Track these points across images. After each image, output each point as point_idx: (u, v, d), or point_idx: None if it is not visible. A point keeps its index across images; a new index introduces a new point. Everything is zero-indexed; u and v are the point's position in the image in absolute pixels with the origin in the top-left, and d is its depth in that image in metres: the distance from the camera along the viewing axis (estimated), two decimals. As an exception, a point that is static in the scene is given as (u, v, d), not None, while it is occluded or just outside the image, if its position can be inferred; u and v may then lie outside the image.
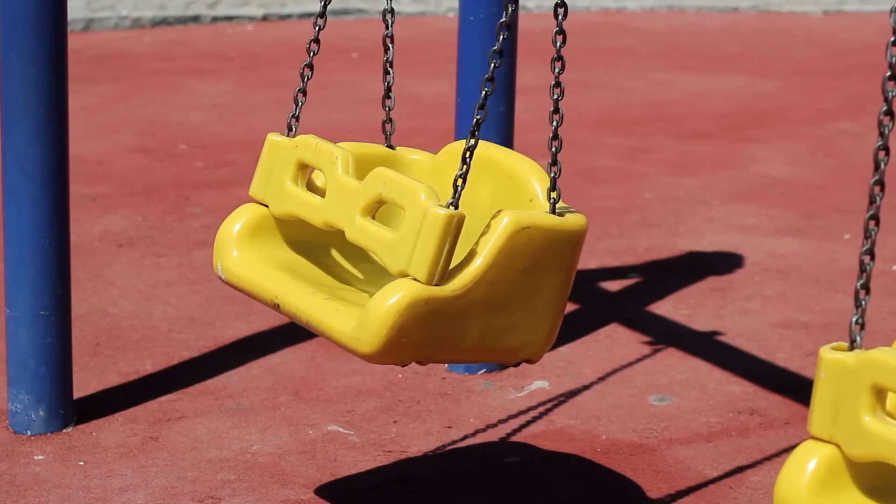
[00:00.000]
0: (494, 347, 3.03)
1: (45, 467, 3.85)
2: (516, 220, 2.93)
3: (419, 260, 2.84)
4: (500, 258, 2.92)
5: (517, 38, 4.36)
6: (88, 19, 10.20)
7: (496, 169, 3.23)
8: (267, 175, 3.26)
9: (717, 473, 3.91)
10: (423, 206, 2.86)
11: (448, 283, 2.87)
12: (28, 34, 3.82)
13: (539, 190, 3.13)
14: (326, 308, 2.98)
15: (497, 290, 2.94)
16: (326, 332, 2.96)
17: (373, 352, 2.87)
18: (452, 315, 2.90)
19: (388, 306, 2.83)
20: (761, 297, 5.22)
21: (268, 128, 7.50)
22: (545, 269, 3.01)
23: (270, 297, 3.10)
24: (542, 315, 3.06)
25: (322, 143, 3.19)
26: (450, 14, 11.01)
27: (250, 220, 3.25)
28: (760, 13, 11.63)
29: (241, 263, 3.20)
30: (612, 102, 8.45)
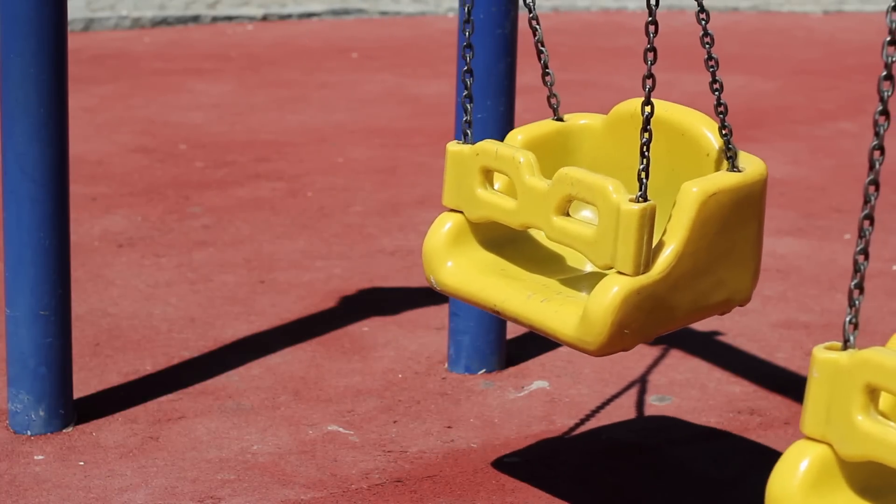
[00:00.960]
0: (707, 306, 3.19)
1: (45, 467, 3.85)
2: (703, 189, 3.08)
3: (623, 255, 2.99)
4: (695, 230, 3.06)
5: (517, 39, 4.36)
6: (88, 19, 10.20)
7: (667, 127, 3.37)
8: (456, 183, 3.37)
9: (717, 473, 3.91)
10: (615, 203, 2.99)
11: (653, 268, 3.03)
12: (28, 34, 3.82)
13: (714, 142, 3.28)
14: (546, 312, 3.14)
15: (698, 257, 3.09)
16: (551, 334, 3.14)
17: (599, 349, 3.05)
18: (663, 294, 3.05)
19: (605, 307, 3.00)
20: (761, 297, 5.22)
21: (268, 127, 7.51)
22: (738, 224, 3.15)
23: (490, 304, 3.27)
24: (744, 264, 3.22)
25: (502, 149, 3.30)
26: (450, 14, 11.01)
27: (452, 228, 3.38)
28: (760, 13, 11.62)
29: (454, 274, 3.35)
30: (613, 102, 8.41)
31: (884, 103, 2.42)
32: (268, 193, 6.37)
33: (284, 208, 6.16)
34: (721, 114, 3.19)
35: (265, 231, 5.86)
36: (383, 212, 6.15)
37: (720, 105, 3.19)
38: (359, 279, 5.33)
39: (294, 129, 7.44)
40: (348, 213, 6.13)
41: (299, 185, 6.49)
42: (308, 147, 7.10)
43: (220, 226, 5.91)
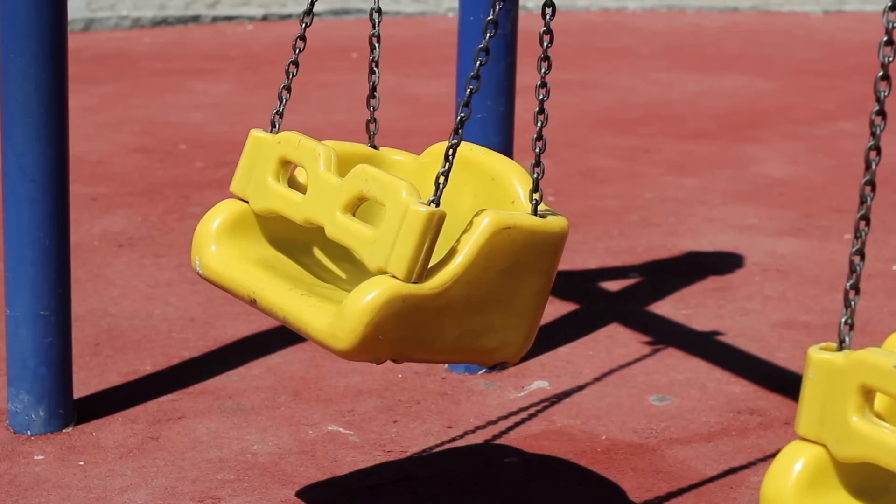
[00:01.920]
0: (471, 348, 3.02)
1: (45, 467, 3.85)
2: (497, 220, 2.92)
3: (398, 257, 2.83)
4: (480, 258, 2.90)
5: (517, 39, 4.36)
6: (88, 19, 10.20)
7: (479, 170, 3.22)
8: (249, 171, 3.25)
9: (717, 473, 3.91)
10: (404, 203, 2.85)
11: (427, 282, 2.86)
12: (28, 34, 3.82)
13: (521, 191, 3.11)
14: (303, 304, 2.97)
15: (476, 289, 2.93)
16: (303, 328, 2.95)
17: (349, 348, 2.85)
18: (430, 313, 2.89)
19: (364, 302, 2.81)
20: (761, 297, 5.22)
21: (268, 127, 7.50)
22: (525, 271, 2.99)
23: (247, 292, 3.08)
24: (520, 317, 3.04)
25: (305, 140, 3.19)
26: (450, 14, 11.01)
27: (230, 215, 3.23)
28: (760, 13, 11.63)
29: (218, 259, 3.18)
30: (612, 102, 8.44)
31: (880, 103, 2.42)
32: (268, 193, 6.36)
33: (284, 208, 6.15)
34: (538, 150, 3.00)
35: (265, 231, 5.85)
36: (383, 212, 6.14)
37: (540, 139, 3.00)
38: (359, 279, 5.33)
39: (293, 129, 7.43)
40: (348, 213, 6.12)
41: (299, 185, 6.49)
42: (308, 147, 7.08)
43: (220, 226, 5.90)
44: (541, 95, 2.99)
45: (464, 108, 2.91)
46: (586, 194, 6.51)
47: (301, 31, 3.28)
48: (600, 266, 5.58)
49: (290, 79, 3.29)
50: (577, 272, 5.46)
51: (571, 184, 6.65)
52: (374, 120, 3.38)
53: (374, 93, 3.35)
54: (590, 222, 6.05)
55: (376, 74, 3.32)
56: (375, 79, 3.33)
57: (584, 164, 7.03)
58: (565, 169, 6.85)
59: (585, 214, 6.14)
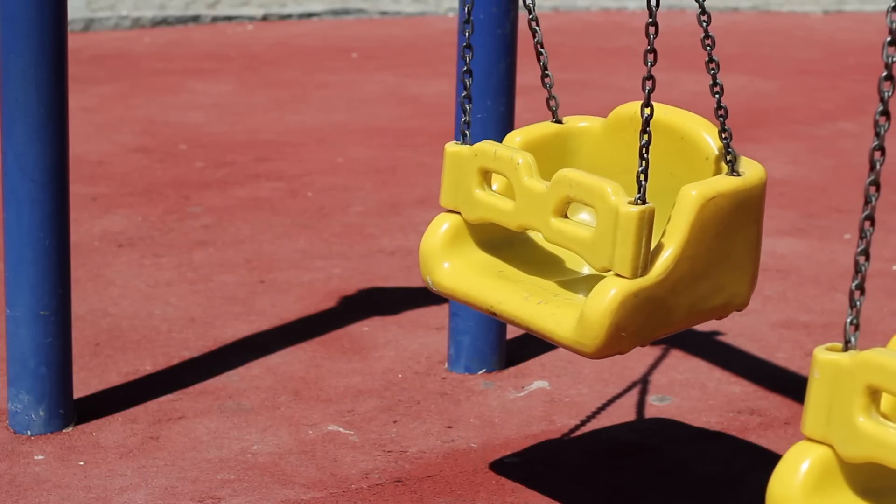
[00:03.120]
0: (705, 310, 3.19)
1: (45, 467, 3.85)
2: (701, 193, 3.07)
3: (621, 257, 2.98)
4: (693, 234, 3.05)
5: (517, 39, 4.36)
6: (88, 19, 10.20)
7: (666, 131, 3.36)
8: (454, 184, 3.36)
9: (717, 473, 3.91)
10: (614, 205, 2.98)
11: (651, 271, 3.01)
12: (28, 34, 3.82)
13: (714, 147, 3.27)
14: (543, 314, 3.13)
15: (697, 261, 3.08)
16: (549, 336, 3.12)
17: (596, 351, 3.04)
18: (661, 298, 3.04)
19: (602, 309, 2.98)
20: (761, 297, 5.22)
21: (268, 127, 7.51)
22: (737, 228, 3.15)
23: (487, 306, 3.25)
24: (742, 268, 3.22)
25: (500, 150, 3.29)
26: (450, 14, 11.01)
27: (449, 229, 3.37)
28: (760, 13, 11.63)
29: (450, 275, 3.33)
30: (613, 102, 8.41)
31: (884, 104, 2.42)
32: (268, 193, 6.37)
33: (284, 208, 6.16)
34: (721, 117, 3.18)
35: (265, 231, 5.86)
36: (383, 212, 6.15)
37: (720, 108, 3.19)
38: (359, 279, 5.33)
39: (294, 129, 7.44)
40: (348, 213, 6.13)
41: (299, 185, 6.49)
42: (308, 147, 7.10)
43: (220, 226, 5.91)
44: (711, 70, 3.26)
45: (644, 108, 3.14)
46: (586, 194, 6.50)
47: (466, 39, 3.36)
48: (600, 266, 5.57)
49: (468, 88, 3.38)
50: (577, 272, 5.46)
51: (571, 184, 6.64)
52: (553, 96, 3.49)
53: (546, 71, 3.45)
54: (590, 222, 6.05)
55: (544, 54, 3.45)
56: (544, 58, 3.45)
57: (584, 164, 7.03)
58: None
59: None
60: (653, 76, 3.12)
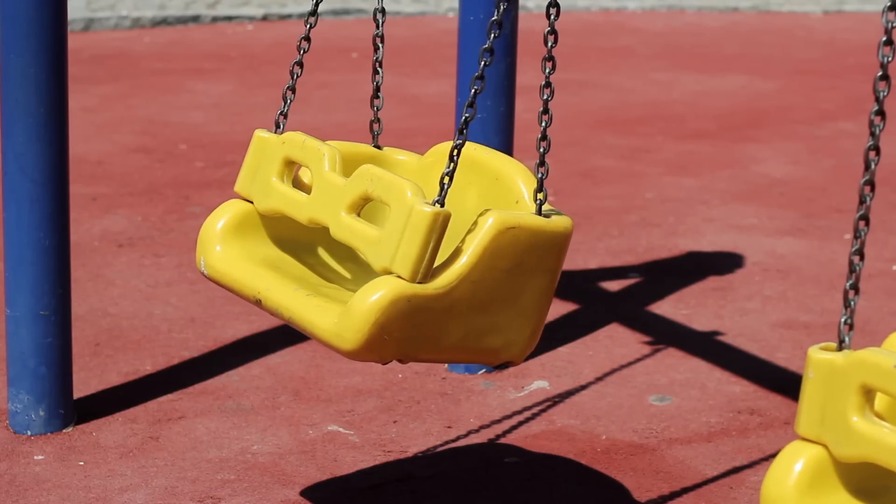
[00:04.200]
0: (476, 347, 3.02)
1: (45, 467, 3.85)
2: (502, 219, 2.92)
3: (403, 257, 2.83)
4: (484, 257, 2.91)
5: (517, 38, 4.36)
6: (88, 19, 10.20)
7: (483, 170, 3.22)
8: (253, 171, 3.25)
9: (717, 473, 3.91)
10: (409, 203, 2.85)
11: (432, 282, 2.86)
12: (28, 34, 3.82)
13: (525, 191, 3.11)
14: (309, 304, 2.97)
15: (481, 289, 2.93)
16: (308, 328, 2.95)
17: (354, 348, 2.86)
18: (435, 313, 2.89)
19: (370, 303, 2.82)
20: (761, 297, 5.22)
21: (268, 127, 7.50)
22: (530, 271, 3.00)
23: (253, 293, 3.09)
24: (525, 317, 3.05)
25: (309, 140, 3.19)
26: (450, 14, 11.01)
27: (235, 216, 3.24)
28: (760, 13, 11.63)
29: (223, 259, 3.19)
30: (612, 102, 8.44)
31: (879, 103, 2.42)
32: (268, 193, 6.36)
33: (284, 208, 6.15)
34: (542, 149, 3.00)
35: (265, 231, 5.85)
36: (383, 212, 6.14)
37: (545, 139, 3.00)
38: (359, 279, 5.33)
39: (295, 129, 7.42)
40: (348, 213, 6.12)
41: (299, 185, 6.49)
42: (308, 147, 7.08)
43: (220, 226, 5.90)
44: (545, 95, 2.99)
45: (468, 109, 2.90)
46: (586, 194, 6.51)
47: (305, 31, 3.29)
48: (600, 266, 5.58)
49: (294, 79, 3.30)
50: (577, 272, 5.46)
51: (571, 184, 6.65)
52: (378, 120, 3.38)
53: (377, 93, 3.33)
54: (590, 222, 6.05)
55: (380, 74, 3.31)
56: (379, 79, 3.32)
57: (584, 164, 7.03)
58: (565, 169, 6.85)
59: (585, 214, 6.13)
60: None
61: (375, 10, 3.28)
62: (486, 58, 2.94)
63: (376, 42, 3.28)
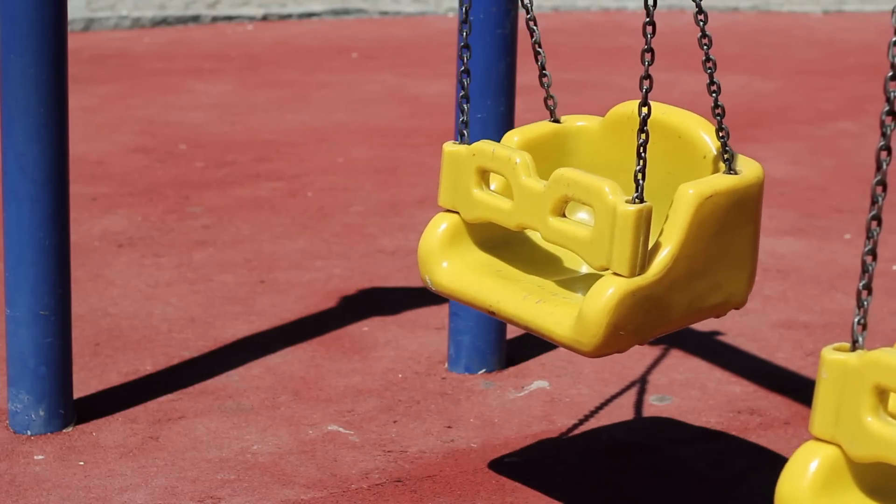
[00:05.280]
0: (703, 308, 3.19)
1: (45, 467, 3.85)
2: (699, 192, 3.08)
3: (619, 256, 2.98)
4: (691, 232, 3.06)
5: (517, 39, 4.36)
6: (88, 19, 10.20)
7: (663, 129, 3.36)
8: (452, 184, 3.36)
9: (717, 473, 3.91)
10: (612, 204, 2.98)
11: (649, 270, 3.02)
12: (28, 34, 3.82)
13: (712, 145, 3.27)
14: (542, 313, 3.14)
15: (694, 260, 3.09)
16: (547, 335, 3.13)
17: (595, 350, 3.05)
18: (659, 296, 3.05)
19: (600, 308, 2.99)
20: (761, 297, 5.22)
21: (268, 127, 7.51)
22: (734, 226, 3.15)
23: (485, 305, 3.25)
24: (740, 266, 3.22)
25: (498, 149, 3.29)
26: (450, 14, 11.01)
27: (448, 228, 3.37)
28: (760, 13, 11.62)
29: (449, 274, 3.34)
30: (613, 102, 8.41)
31: (891, 104, 2.41)
32: (268, 193, 6.37)
33: (284, 208, 6.16)
34: (718, 116, 3.19)
35: (265, 231, 5.86)
36: (383, 212, 6.15)
37: (717, 107, 3.19)
38: (359, 279, 5.33)
39: (294, 129, 7.44)
40: (348, 213, 6.13)
41: (299, 185, 6.49)
42: (308, 147, 7.10)
43: (220, 226, 5.91)
44: (708, 69, 3.24)
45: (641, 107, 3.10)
46: (586, 194, 6.50)
47: (464, 39, 3.39)
48: (600, 266, 5.57)
49: (466, 88, 3.40)
50: (577, 272, 5.46)
51: (571, 184, 6.64)
52: (551, 96, 3.50)
53: (543, 71, 3.47)
54: (590, 222, 6.04)
55: (542, 54, 3.45)
56: (542, 58, 3.46)
57: (584, 164, 7.02)
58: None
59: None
60: (650, 75, 3.11)
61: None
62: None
63: (531, 26, 3.42)
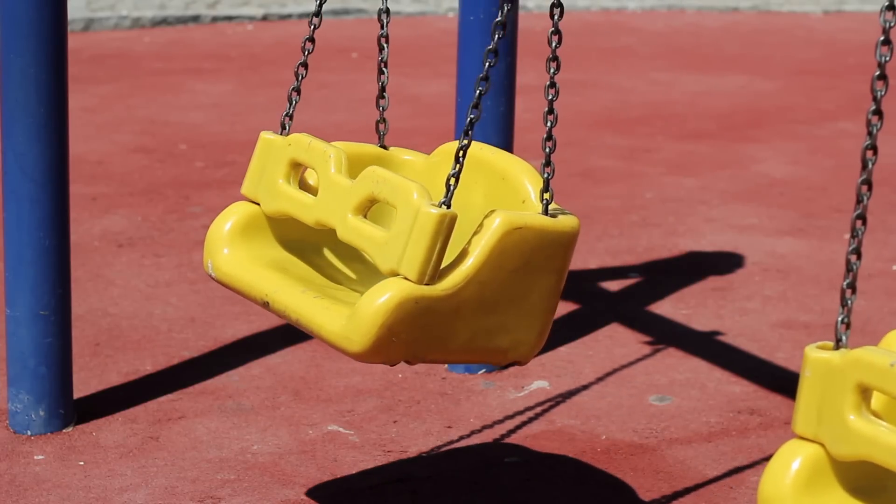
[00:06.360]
0: (484, 348, 3.03)
1: (45, 467, 3.86)
2: (508, 220, 2.93)
3: (410, 259, 2.83)
4: (491, 258, 2.91)
5: (517, 38, 4.36)
6: (88, 19, 10.20)
7: (489, 170, 3.23)
8: (259, 173, 3.26)
9: (717, 473, 3.91)
10: (416, 205, 2.85)
11: (439, 283, 2.87)
12: (28, 34, 3.82)
13: (532, 191, 3.12)
14: (316, 306, 2.98)
15: (488, 290, 2.94)
16: (316, 330, 2.96)
17: (362, 350, 2.86)
18: (443, 314, 2.90)
19: (378, 305, 2.82)
20: (761, 297, 5.22)
21: (268, 127, 7.49)
22: (537, 270, 3.00)
23: (260, 294, 3.10)
24: (532, 316, 3.06)
25: (315, 142, 3.19)
26: (450, 14, 11.01)
27: (241, 218, 3.24)
28: (760, 13, 11.63)
29: (231, 261, 3.19)
30: (612, 102, 8.44)
31: (877, 103, 2.42)
32: (268, 193, 6.36)
33: (284, 208, 6.15)
34: (548, 149, 3.01)
35: (265, 231, 5.85)
36: (383, 212, 6.14)
37: (550, 139, 3.00)
38: (359, 279, 5.33)
39: (294, 129, 7.42)
40: (348, 213, 6.12)
41: (299, 185, 6.49)
42: (308, 147, 7.09)
43: (220, 226, 5.90)
44: (550, 96, 2.98)
45: (473, 110, 2.91)
46: (586, 194, 6.51)
47: (310, 32, 3.28)
48: (600, 266, 5.58)
49: (299, 81, 3.29)
50: (577, 272, 5.46)
51: (571, 184, 6.65)
52: (384, 120, 3.37)
53: (383, 93, 3.33)
54: (590, 222, 6.05)
55: (385, 75, 3.31)
56: (384, 79, 3.31)
57: (584, 164, 7.03)
58: (565, 169, 6.85)
59: (585, 214, 6.13)
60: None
61: (380, 10, 3.27)
62: (490, 59, 2.93)
63: (381, 42, 3.28)
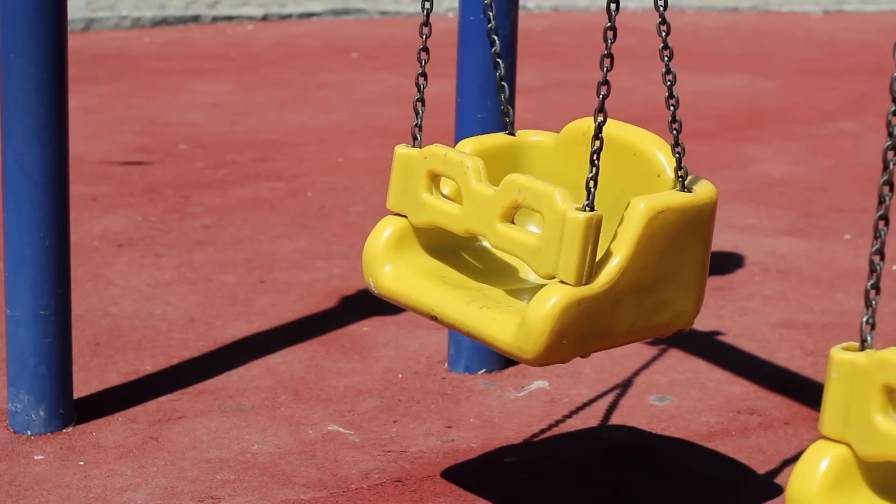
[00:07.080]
0: (649, 326, 3.15)
1: (45, 467, 3.85)
2: (651, 205, 3.04)
3: (566, 264, 2.94)
4: (640, 246, 3.02)
5: (517, 39, 4.36)
6: (88, 19, 10.20)
7: (618, 146, 3.32)
8: (401, 187, 3.34)
9: (717, 473, 3.91)
10: (562, 211, 2.95)
11: (596, 280, 2.98)
12: (28, 34, 3.82)
13: (666, 164, 3.24)
14: (484, 318, 3.10)
15: (643, 275, 3.05)
16: (489, 341, 3.08)
17: (536, 357, 2.99)
18: (605, 308, 3.01)
19: (543, 314, 2.94)
20: (761, 297, 5.22)
21: (268, 127, 7.51)
22: (684, 245, 3.12)
23: (427, 310, 3.22)
24: (688, 287, 3.18)
25: (450, 153, 3.26)
26: (450, 14, 11.01)
27: (395, 231, 3.35)
28: (760, 13, 11.62)
29: (394, 278, 3.31)
30: (613, 102, 8.41)
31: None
32: (268, 193, 6.37)
33: (284, 208, 6.16)
34: (675, 131, 3.15)
35: (265, 231, 5.86)
36: (383, 212, 6.13)
37: (675, 122, 3.15)
38: (359, 279, 5.33)
39: (294, 129, 7.44)
40: (348, 213, 6.13)
41: (299, 185, 6.49)
42: (308, 147, 7.10)
43: (220, 226, 5.91)
44: (668, 82, 3.23)
45: (597, 114, 3.07)
46: (586, 194, 6.50)
47: (423, 42, 3.35)
48: (600, 266, 5.57)
49: (421, 91, 3.40)
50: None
51: (571, 184, 6.64)
52: (507, 108, 3.47)
53: (502, 82, 3.44)
54: (590, 222, 6.04)
55: (501, 65, 3.44)
56: (501, 72, 3.43)
57: (584, 164, 7.02)
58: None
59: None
60: (608, 81, 3.09)
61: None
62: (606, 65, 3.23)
63: (492, 37, 3.41)
